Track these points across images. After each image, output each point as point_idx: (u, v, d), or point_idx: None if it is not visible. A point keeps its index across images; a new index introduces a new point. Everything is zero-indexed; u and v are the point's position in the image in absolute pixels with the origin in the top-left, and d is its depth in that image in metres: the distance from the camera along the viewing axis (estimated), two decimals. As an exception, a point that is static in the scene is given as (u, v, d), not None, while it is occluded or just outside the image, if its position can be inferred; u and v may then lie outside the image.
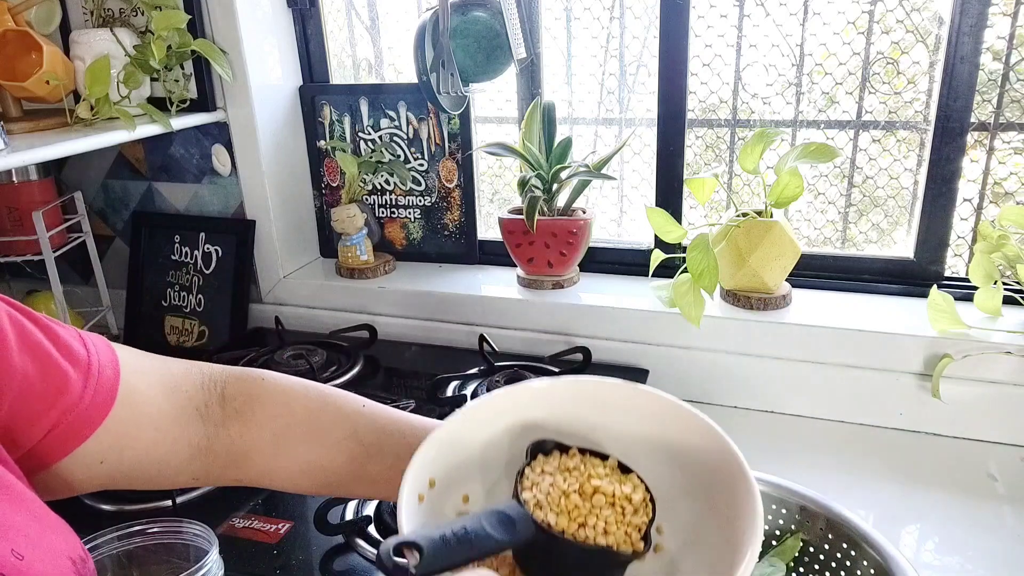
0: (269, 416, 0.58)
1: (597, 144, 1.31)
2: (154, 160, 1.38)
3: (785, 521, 0.72)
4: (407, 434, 0.59)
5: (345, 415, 0.59)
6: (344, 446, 0.58)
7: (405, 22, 1.34)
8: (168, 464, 0.57)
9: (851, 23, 1.08)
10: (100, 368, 0.53)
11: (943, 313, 0.97)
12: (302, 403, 0.59)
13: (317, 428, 0.58)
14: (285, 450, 0.58)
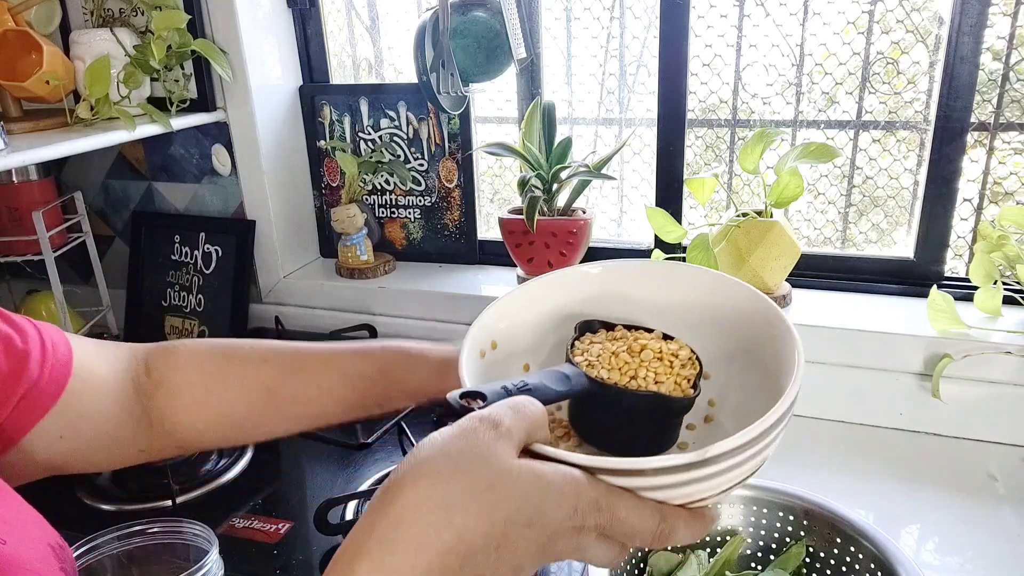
0: (185, 382, 0.61)
1: (597, 144, 1.31)
2: (154, 160, 1.38)
3: (793, 528, 0.72)
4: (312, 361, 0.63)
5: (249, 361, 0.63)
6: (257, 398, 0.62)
7: (405, 22, 1.34)
8: (119, 438, 0.60)
9: (851, 23, 1.08)
10: (54, 345, 0.56)
11: (943, 313, 0.97)
12: (208, 363, 0.62)
13: (226, 382, 0.61)
14: (203, 410, 0.61)
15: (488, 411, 0.40)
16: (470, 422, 0.39)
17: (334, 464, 0.95)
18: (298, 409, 0.63)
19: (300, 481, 0.93)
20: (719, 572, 0.70)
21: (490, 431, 0.38)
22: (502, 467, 0.38)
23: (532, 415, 0.41)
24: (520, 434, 0.40)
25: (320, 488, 0.91)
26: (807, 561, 0.71)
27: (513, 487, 0.37)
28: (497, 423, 0.39)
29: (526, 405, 0.41)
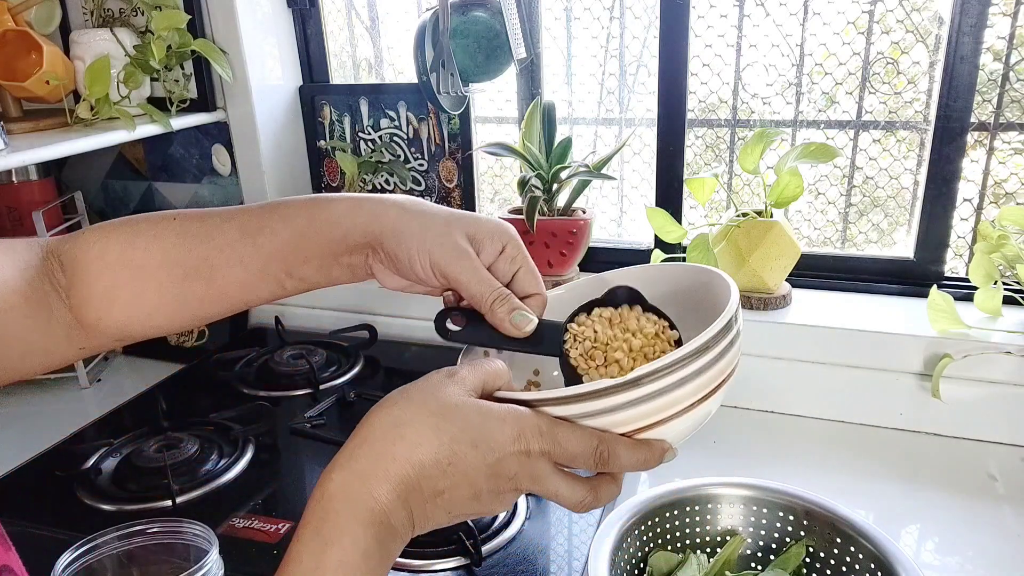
0: (94, 272, 0.57)
1: (597, 144, 1.31)
2: (154, 160, 1.38)
3: (793, 528, 0.72)
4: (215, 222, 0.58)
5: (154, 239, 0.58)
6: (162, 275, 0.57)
7: (405, 22, 1.34)
8: (51, 344, 0.57)
9: (851, 23, 1.08)
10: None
11: (943, 313, 0.97)
12: (115, 248, 0.58)
13: (130, 269, 0.57)
14: (117, 298, 0.57)
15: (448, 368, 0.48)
16: (430, 373, 0.48)
17: (334, 464, 0.95)
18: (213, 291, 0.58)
19: (300, 481, 0.93)
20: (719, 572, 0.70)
21: (444, 377, 0.47)
22: (449, 399, 0.46)
23: (489, 367, 0.48)
24: (474, 381, 0.47)
25: (320, 488, 0.91)
26: (807, 561, 0.71)
27: (456, 412, 0.45)
28: (452, 372, 0.47)
29: (485, 360, 0.49)
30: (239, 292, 0.58)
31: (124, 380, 1.26)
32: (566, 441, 0.45)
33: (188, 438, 0.98)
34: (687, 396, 0.47)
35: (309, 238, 0.56)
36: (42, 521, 0.86)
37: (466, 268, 0.53)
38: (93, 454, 0.97)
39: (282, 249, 0.56)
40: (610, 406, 0.46)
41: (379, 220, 0.55)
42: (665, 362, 0.45)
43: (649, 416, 0.46)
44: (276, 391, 1.14)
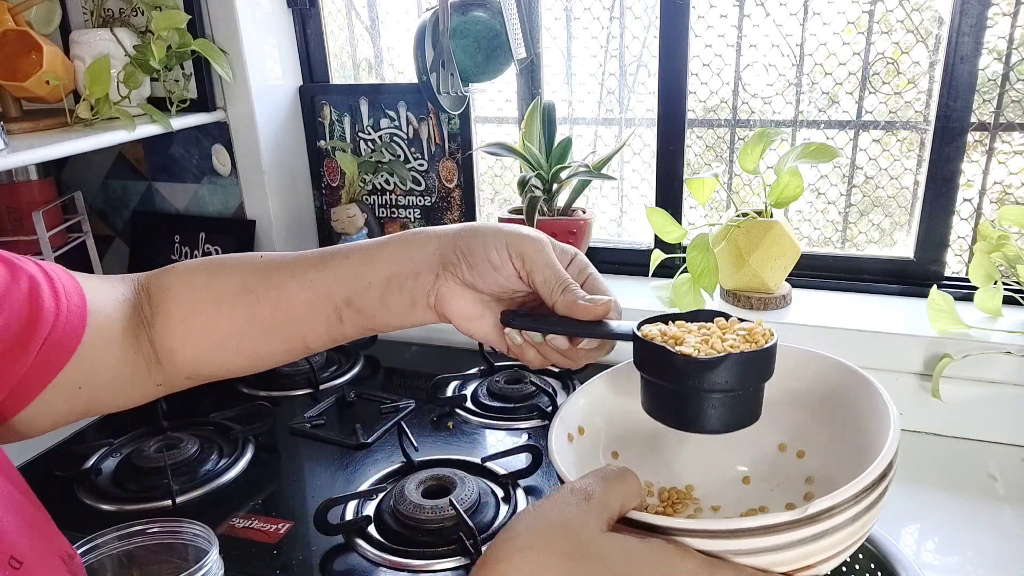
0: (174, 303, 0.58)
1: (597, 144, 1.31)
2: (154, 160, 1.38)
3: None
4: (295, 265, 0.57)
5: (235, 270, 0.58)
6: (237, 301, 0.57)
7: (405, 22, 1.34)
8: (135, 377, 0.57)
9: (851, 23, 1.08)
10: (67, 292, 0.53)
11: (943, 313, 0.97)
12: (201, 276, 0.59)
13: (209, 293, 0.58)
14: (193, 329, 0.57)
15: (581, 483, 0.41)
16: (562, 493, 0.41)
17: (334, 464, 0.95)
18: (278, 317, 0.57)
19: (300, 481, 0.93)
20: (719, 572, 0.70)
21: (581, 503, 0.40)
22: (589, 538, 0.39)
23: (626, 487, 0.42)
24: (614, 505, 0.41)
25: (320, 488, 0.91)
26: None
27: (599, 558, 0.39)
28: (588, 495, 0.41)
29: (620, 477, 0.42)
30: (301, 322, 0.57)
31: (124, 380, 1.26)
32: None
33: (188, 438, 0.98)
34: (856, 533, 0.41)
35: (377, 260, 0.56)
36: (42, 521, 0.86)
37: (543, 252, 0.52)
38: (93, 454, 0.98)
39: (348, 271, 0.56)
40: (780, 544, 0.38)
41: (451, 228, 0.55)
42: (849, 495, 0.39)
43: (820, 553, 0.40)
44: (276, 391, 1.14)
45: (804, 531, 0.38)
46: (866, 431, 0.48)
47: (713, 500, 0.53)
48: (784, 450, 0.54)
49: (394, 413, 1.05)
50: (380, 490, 0.87)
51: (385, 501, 0.85)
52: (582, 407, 0.52)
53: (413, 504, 0.81)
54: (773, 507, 0.50)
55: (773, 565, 0.40)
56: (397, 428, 0.96)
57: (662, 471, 0.54)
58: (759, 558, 0.39)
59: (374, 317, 0.57)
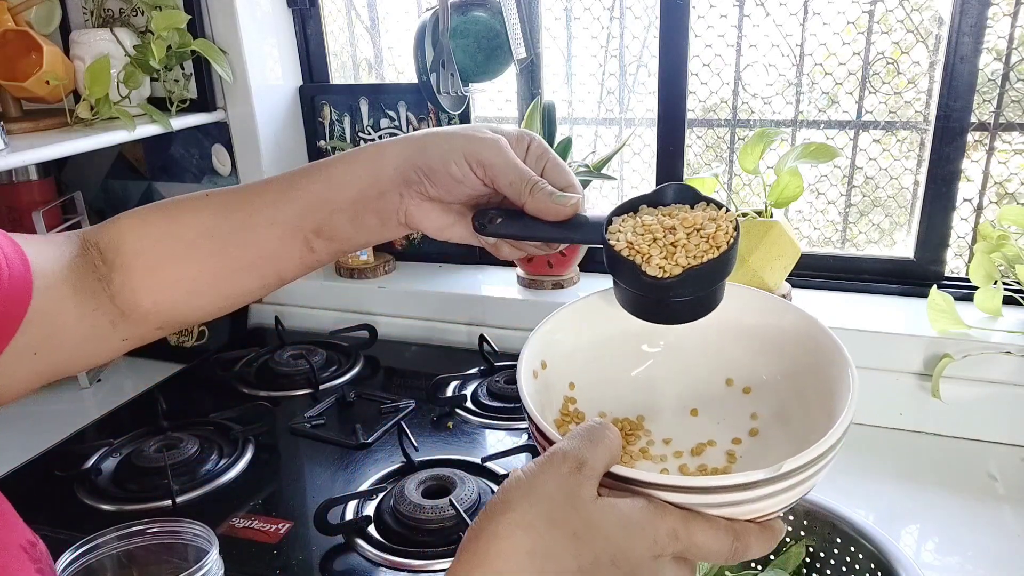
0: (133, 254, 0.56)
1: (597, 144, 1.31)
2: (154, 160, 1.38)
3: (793, 528, 0.72)
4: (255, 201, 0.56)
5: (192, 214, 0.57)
6: (202, 245, 0.56)
7: (405, 22, 1.34)
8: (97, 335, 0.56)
9: (851, 23, 1.08)
10: (7, 258, 0.51)
11: (943, 313, 0.97)
12: (156, 225, 0.57)
13: (172, 243, 0.56)
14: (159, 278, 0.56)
15: (572, 449, 0.41)
16: (554, 462, 0.41)
17: (334, 464, 0.95)
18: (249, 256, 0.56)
19: (300, 481, 0.93)
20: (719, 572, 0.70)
21: (575, 474, 0.40)
22: (588, 512, 0.40)
23: (610, 445, 0.42)
24: (601, 467, 0.42)
25: (320, 488, 0.91)
26: (807, 561, 0.71)
27: (598, 529, 0.40)
28: (581, 463, 0.41)
29: (603, 436, 0.43)
30: (274, 258, 0.57)
31: (124, 380, 1.26)
32: (702, 542, 0.41)
33: (188, 438, 0.98)
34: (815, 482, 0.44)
35: (340, 185, 0.55)
36: (42, 521, 0.86)
37: (502, 152, 0.52)
38: (93, 454, 0.98)
39: (313, 201, 0.55)
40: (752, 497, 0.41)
41: (408, 143, 0.54)
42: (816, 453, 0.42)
43: (784, 502, 0.43)
44: (276, 391, 1.14)
45: (774, 487, 0.41)
46: (822, 380, 0.50)
47: (663, 432, 0.54)
48: (731, 384, 0.56)
49: (394, 413, 1.05)
50: (380, 490, 0.87)
51: (385, 501, 0.85)
52: (541, 343, 0.54)
53: (413, 504, 0.81)
54: (720, 441, 0.53)
55: (741, 515, 0.42)
56: (397, 428, 0.96)
57: (614, 402, 0.56)
58: (729, 509, 0.42)
59: (348, 240, 0.57)
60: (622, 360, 0.57)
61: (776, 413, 0.53)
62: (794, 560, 0.70)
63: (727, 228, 0.48)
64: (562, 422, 0.53)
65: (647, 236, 0.49)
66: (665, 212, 0.51)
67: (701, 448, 0.52)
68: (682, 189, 0.52)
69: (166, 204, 0.58)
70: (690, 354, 0.56)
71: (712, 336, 0.55)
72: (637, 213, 0.52)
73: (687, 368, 0.56)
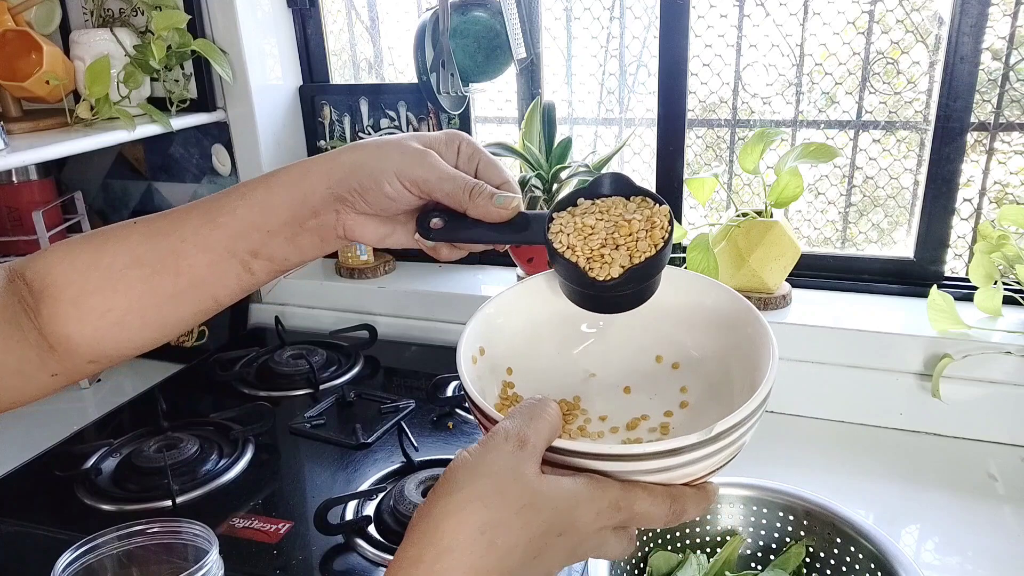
0: (62, 285, 0.54)
1: (597, 144, 1.31)
2: (154, 160, 1.38)
3: (793, 528, 0.72)
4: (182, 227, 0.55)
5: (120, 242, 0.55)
6: (131, 275, 0.54)
7: (405, 22, 1.34)
8: (24, 371, 0.55)
9: (851, 23, 1.08)
10: None
11: (943, 313, 0.97)
12: (83, 255, 0.55)
13: (99, 272, 0.54)
14: (87, 310, 0.54)
15: (514, 427, 0.43)
16: (497, 441, 0.42)
17: (334, 464, 0.95)
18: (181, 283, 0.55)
19: (300, 481, 0.93)
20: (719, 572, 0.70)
21: (518, 451, 0.42)
22: (532, 488, 0.41)
23: (550, 421, 0.44)
24: (543, 444, 0.43)
25: (320, 488, 0.91)
26: (807, 561, 0.71)
27: (544, 503, 0.41)
28: (523, 441, 0.43)
29: (544, 412, 0.44)
30: (208, 283, 0.55)
31: (124, 380, 1.26)
32: (642, 509, 0.44)
33: (188, 438, 0.98)
34: (742, 445, 0.46)
35: (270, 208, 0.54)
36: (42, 521, 0.86)
37: (434, 166, 0.52)
38: (93, 454, 0.97)
39: (244, 226, 0.54)
40: (686, 461, 0.44)
41: (335, 164, 0.54)
42: (744, 414, 0.44)
43: (715, 464, 0.45)
44: (276, 391, 1.14)
45: (706, 449, 0.43)
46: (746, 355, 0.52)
47: (599, 410, 0.56)
48: (660, 361, 0.58)
49: (394, 413, 1.05)
50: (380, 490, 0.87)
51: (385, 501, 0.85)
52: (478, 329, 0.55)
53: (413, 504, 0.81)
54: (653, 415, 0.55)
55: (676, 479, 0.45)
56: (397, 428, 0.96)
57: (552, 384, 0.58)
58: (665, 475, 0.44)
59: (286, 260, 0.56)
60: (561, 341, 0.59)
61: (705, 386, 0.56)
62: (794, 560, 0.70)
63: (663, 223, 0.51)
64: (502, 406, 0.54)
65: (589, 238, 0.51)
66: (603, 207, 0.53)
67: (636, 423, 0.54)
68: (617, 180, 0.54)
69: (94, 234, 0.57)
70: (625, 334, 0.59)
71: (645, 316, 0.57)
72: (576, 208, 0.54)
73: (621, 347, 0.59)
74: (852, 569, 0.67)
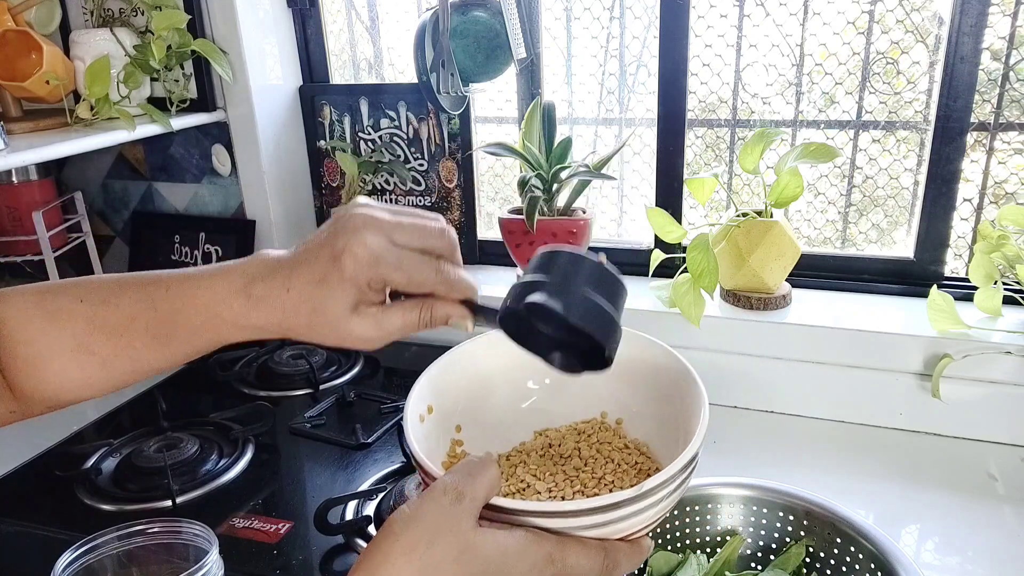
0: (14, 331, 0.53)
1: (597, 144, 1.31)
2: (154, 160, 1.38)
3: (793, 528, 0.72)
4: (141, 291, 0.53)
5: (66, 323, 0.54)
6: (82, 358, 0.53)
7: (405, 22, 1.34)
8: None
9: (851, 23, 1.08)
10: None
11: (943, 313, 0.97)
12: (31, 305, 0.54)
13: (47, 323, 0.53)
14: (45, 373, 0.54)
15: (452, 481, 0.44)
16: (435, 494, 0.44)
17: (334, 464, 0.95)
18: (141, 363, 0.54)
19: (300, 481, 0.93)
20: (719, 572, 0.70)
21: (455, 504, 0.44)
22: (467, 539, 0.43)
23: (489, 478, 0.45)
24: (481, 498, 0.45)
25: (320, 488, 0.91)
26: (807, 561, 0.71)
27: (477, 555, 0.43)
28: (460, 495, 0.44)
29: (484, 469, 0.46)
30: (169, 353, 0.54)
31: (124, 380, 1.26)
32: (576, 562, 0.45)
33: (188, 438, 0.98)
34: (675, 499, 0.48)
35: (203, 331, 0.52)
36: (42, 521, 0.87)
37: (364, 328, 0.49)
38: (93, 454, 0.98)
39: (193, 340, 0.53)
40: (619, 516, 0.45)
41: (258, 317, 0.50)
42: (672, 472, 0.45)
43: (649, 519, 0.47)
44: (276, 391, 1.14)
45: (637, 505, 0.45)
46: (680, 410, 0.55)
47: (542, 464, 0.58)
48: (605, 418, 0.61)
49: (394, 413, 1.05)
50: (380, 490, 0.87)
51: (385, 501, 0.85)
52: (428, 387, 0.57)
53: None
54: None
55: (611, 534, 0.46)
56: (397, 428, 0.96)
57: (498, 439, 0.60)
58: (600, 530, 0.45)
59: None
60: (508, 396, 0.61)
61: (643, 440, 0.59)
62: (794, 560, 0.70)
63: None
64: (450, 463, 0.56)
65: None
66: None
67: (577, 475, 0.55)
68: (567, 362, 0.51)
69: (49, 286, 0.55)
70: (570, 388, 0.60)
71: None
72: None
73: (567, 403, 0.61)
74: (852, 569, 0.67)
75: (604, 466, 0.56)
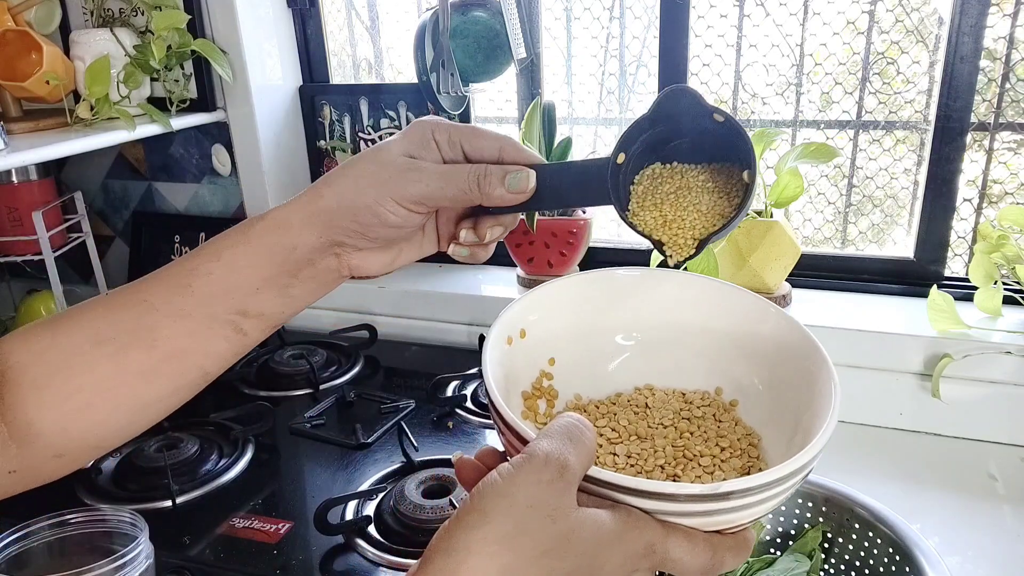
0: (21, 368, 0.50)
1: (597, 144, 1.31)
2: (154, 160, 1.38)
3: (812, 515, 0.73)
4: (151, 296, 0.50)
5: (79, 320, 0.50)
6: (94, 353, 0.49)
7: (405, 22, 1.34)
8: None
9: (851, 23, 1.08)
10: None
11: (943, 313, 0.97)
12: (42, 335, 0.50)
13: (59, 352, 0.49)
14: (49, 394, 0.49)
15: (553, 451, 0.38)
16: (536, 465, 0.38)
17: (334, 464, 0.95)
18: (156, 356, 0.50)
19: (300, 481, 0.93)
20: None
21: (557, 480, 0.37)
22: (566, 524, 0.37)
23: (589, 447, 0.40)
24: (581, 473, 0.39)
25: (320, 488, 0.91)
26: (825, 546, 0.72)
27: (573, 546, 0.37)
28: (563, 467, 0.38)
29: (583, 436, 0.40)
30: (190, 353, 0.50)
31: (124, 380, 1.26)
32: (679, 557, 0.39)
33: (188, 438, 0.98)
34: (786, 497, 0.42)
35: (250, 267, 0.49)
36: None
37: (431, 178, 0.48)
38: (93, 454, 0.97)
39: (223, 288, 0.49)
40: (734, 506, 0.39)
41: (318, 209, 0.49)
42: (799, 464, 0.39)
43: (762, 512, 0.41)
44: (276, 391, 1.14)
45: (752, 498, 0.39)
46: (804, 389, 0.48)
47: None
48: (720, 394, 0.54)
49: (394, 413, 1.05)
50: (380, 490, 0.87)
51: (385, 501, 0.85)
52: (526, 310, 0.51)
53: (413, 504, 0.81)
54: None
55: (713, 525, 0.40)
56: (397, 428, 0.96)
57: (591, 383, 0.54)
58: (706, 519, 0.40)
59: (281, 313, 0.52)
60: (599, 350, 0.55)
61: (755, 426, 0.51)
62: (811, 543, 0.71)
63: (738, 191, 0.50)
64: (531, 395, 0.51)
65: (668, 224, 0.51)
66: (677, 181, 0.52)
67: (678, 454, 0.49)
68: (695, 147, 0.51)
69: (54, 316, 0.52)
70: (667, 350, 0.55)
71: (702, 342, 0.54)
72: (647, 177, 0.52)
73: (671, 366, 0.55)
74: (870, 553, 0.68)
75: (705, 445, 0.48)
